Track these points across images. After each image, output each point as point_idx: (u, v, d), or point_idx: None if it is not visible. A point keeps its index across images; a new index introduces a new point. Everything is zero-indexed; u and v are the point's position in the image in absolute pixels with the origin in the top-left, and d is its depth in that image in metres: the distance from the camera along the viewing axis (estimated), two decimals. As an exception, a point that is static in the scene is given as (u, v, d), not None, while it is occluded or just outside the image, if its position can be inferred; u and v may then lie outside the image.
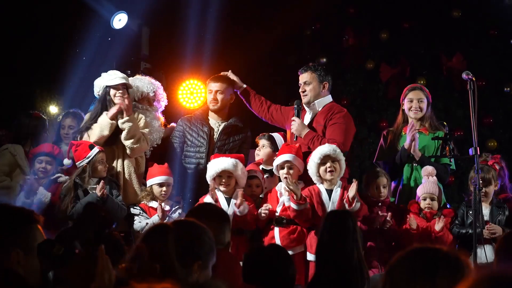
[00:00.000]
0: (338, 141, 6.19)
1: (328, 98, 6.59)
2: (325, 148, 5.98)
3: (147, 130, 6.48)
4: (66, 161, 6.31)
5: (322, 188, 6.03)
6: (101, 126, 6.33)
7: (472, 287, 1.48)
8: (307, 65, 6.67)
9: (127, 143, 6.35)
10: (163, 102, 6.85)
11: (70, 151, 6.23)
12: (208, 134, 6.70)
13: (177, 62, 8.95)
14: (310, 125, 6.49)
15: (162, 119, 6.89)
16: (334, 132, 6.31)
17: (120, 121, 6.34)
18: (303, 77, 6.56)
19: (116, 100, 6.40)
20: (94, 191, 6.00)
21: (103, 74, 6.54)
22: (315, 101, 6.51)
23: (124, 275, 2.65)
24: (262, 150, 6.68)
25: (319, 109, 6.51)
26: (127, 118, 6.32)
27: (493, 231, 5.92)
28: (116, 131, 6.41)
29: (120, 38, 8.45)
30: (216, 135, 6.72)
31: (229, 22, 8.87)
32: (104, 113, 6.38)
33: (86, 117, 6.58)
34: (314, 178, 6.05)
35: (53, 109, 9.82)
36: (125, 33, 8.41)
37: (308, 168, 6.07)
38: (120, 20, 8.26)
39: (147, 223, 6.07)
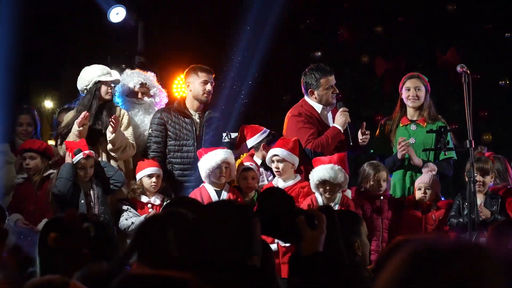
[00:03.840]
0: None
1: None
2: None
3: (130, 130, 6.36)
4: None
5: (319, 199, 5.95)
6: (74, 136, 6.18)
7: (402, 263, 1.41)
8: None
9: (112, 153, 6.28)
10: (157, 90, 6.74)
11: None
12: (193, 126, 6.55)
13: (171, 56, 8.93)
14: None
15: None
16: None
17: (107, 136, 6.21)
18: (334, 79, 6.72)
19: (107, 96, 6.34)
20: (65, 163, 5.91)
21: (93, 67, 6.41)
22: None
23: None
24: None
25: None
26: (113, 135, 6.15)
27: (482, 215, 5.82)
28: (94, 133, 6.30)
29: (115, 32, 8.43)
30: (197, 127, 6.58)
31: (223, 15, 8.88)
32: (75, 121, 6.15)
33: (69, 114, 6.41)
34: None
35: (48, 103, 9.82)
36: (121, 27, 8.37)
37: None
38: (117, 14, 8.18)
39: (132, 222, 5.91)
